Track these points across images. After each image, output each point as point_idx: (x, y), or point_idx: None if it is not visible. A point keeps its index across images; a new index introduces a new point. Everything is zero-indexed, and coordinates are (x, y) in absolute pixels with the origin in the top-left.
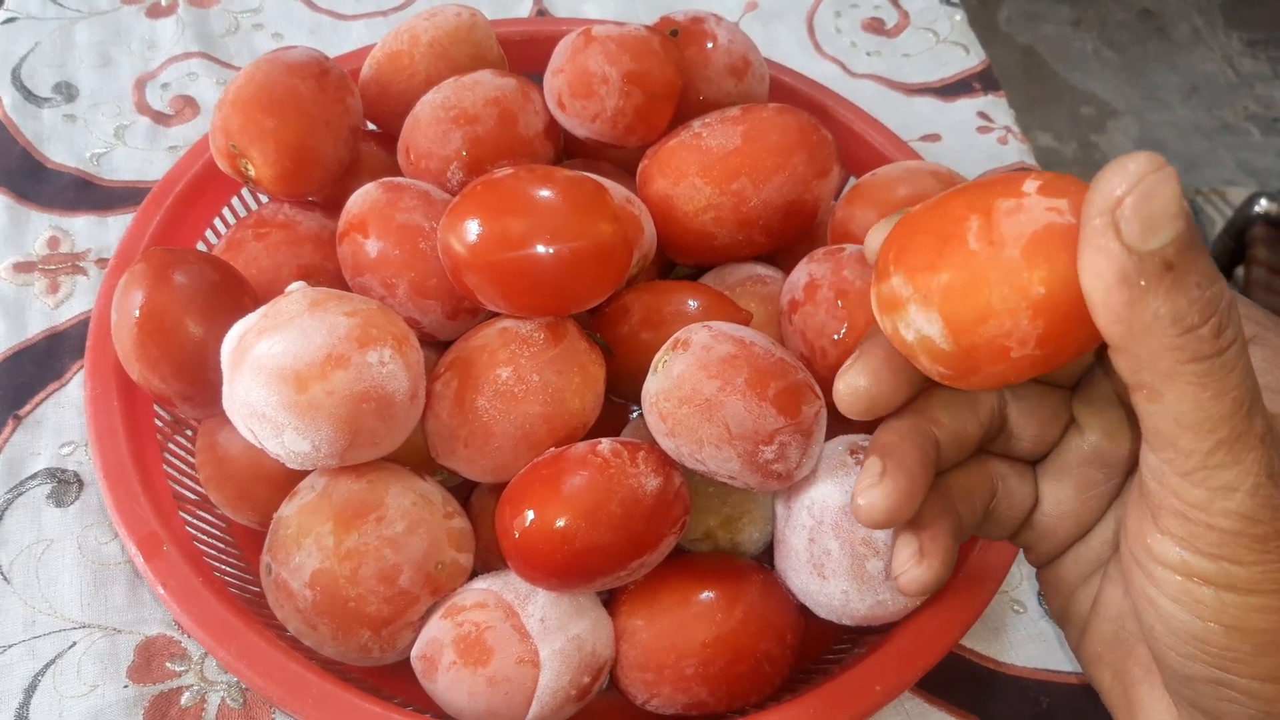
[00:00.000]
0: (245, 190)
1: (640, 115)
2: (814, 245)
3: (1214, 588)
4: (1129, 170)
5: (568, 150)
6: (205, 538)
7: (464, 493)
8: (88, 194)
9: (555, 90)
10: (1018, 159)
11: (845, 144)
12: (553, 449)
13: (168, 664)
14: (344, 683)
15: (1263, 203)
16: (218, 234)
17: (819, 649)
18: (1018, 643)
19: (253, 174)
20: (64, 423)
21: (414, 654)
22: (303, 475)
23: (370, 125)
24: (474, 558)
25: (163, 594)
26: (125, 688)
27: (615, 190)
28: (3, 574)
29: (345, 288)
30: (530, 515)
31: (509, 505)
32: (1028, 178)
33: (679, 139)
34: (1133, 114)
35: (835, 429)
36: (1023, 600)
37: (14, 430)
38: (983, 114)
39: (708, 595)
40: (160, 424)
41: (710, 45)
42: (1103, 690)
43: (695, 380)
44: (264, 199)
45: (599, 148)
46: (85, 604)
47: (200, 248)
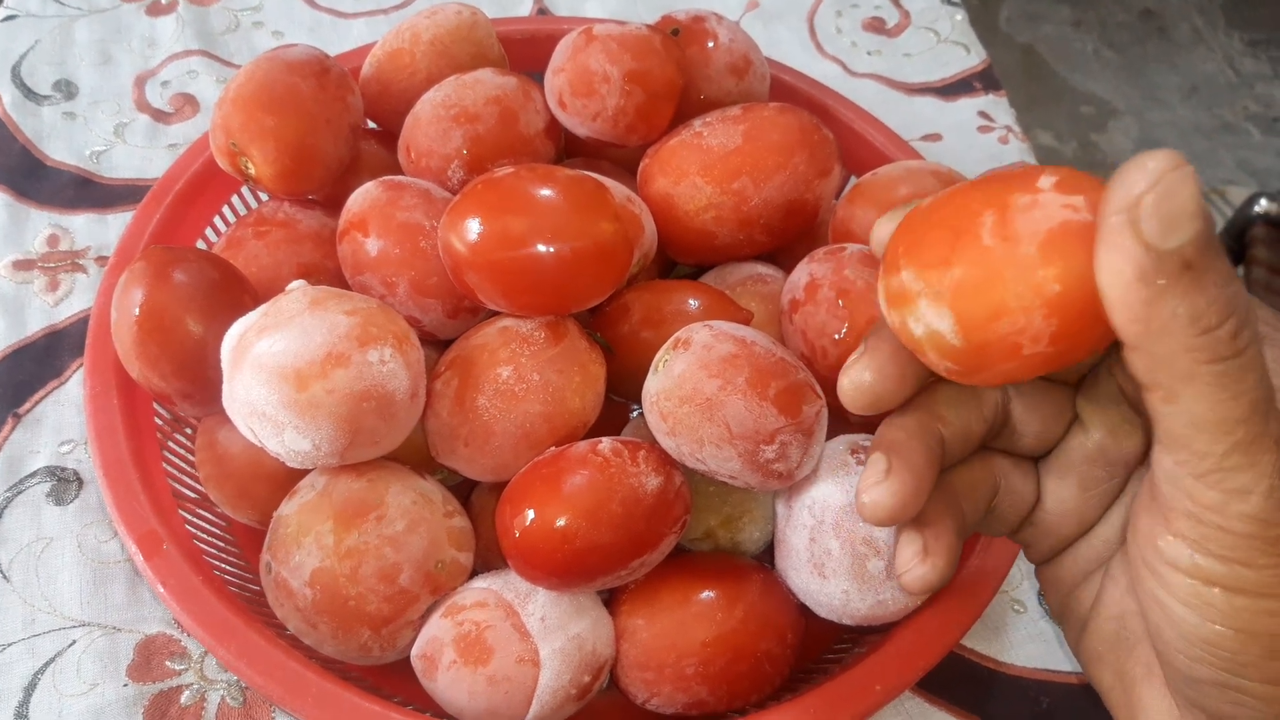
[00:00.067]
0: (245, 188)
1: (641, 114)
2: (815, 245)
3: (1225, 591)
4: (1148, 168)
5: (569, 149)
6: (205, 536)
7: (464, 492)
8: (87, 192)
9: (556, 89)
10: (1018, 158)
11: (846, 143)
12: (553, 448)
13: (167, 662)
14: (344, 681)
15: (1263, 203)
16: (218, 232)
17: (819, 648)
18: (1018, 642)
19: (253, 172)
20: (63, 421)
21: (414, 653)
22: (303, 474)
23: (371, 123)
24: (474, 557)
25: (162, 592)
26: (125, 686)
27: (616, 189)
28: (2, 572)
29: (345, 286)
30: (530, 514)
31: (509, 504)
32: (1042, 173)
33: (680, 138)
34: (1133, 114)
35: (836, 428)
36: (1023, 600)
37: (13, 428)
38: (983, 113)
39: (708, 595)
40: (160, 422)
41: (711, 44)
42: (1103, 689)
43: (696, 379)
44: (264, 197)
45: (600, 147)
46: (85, 602)
47: (200, 246)
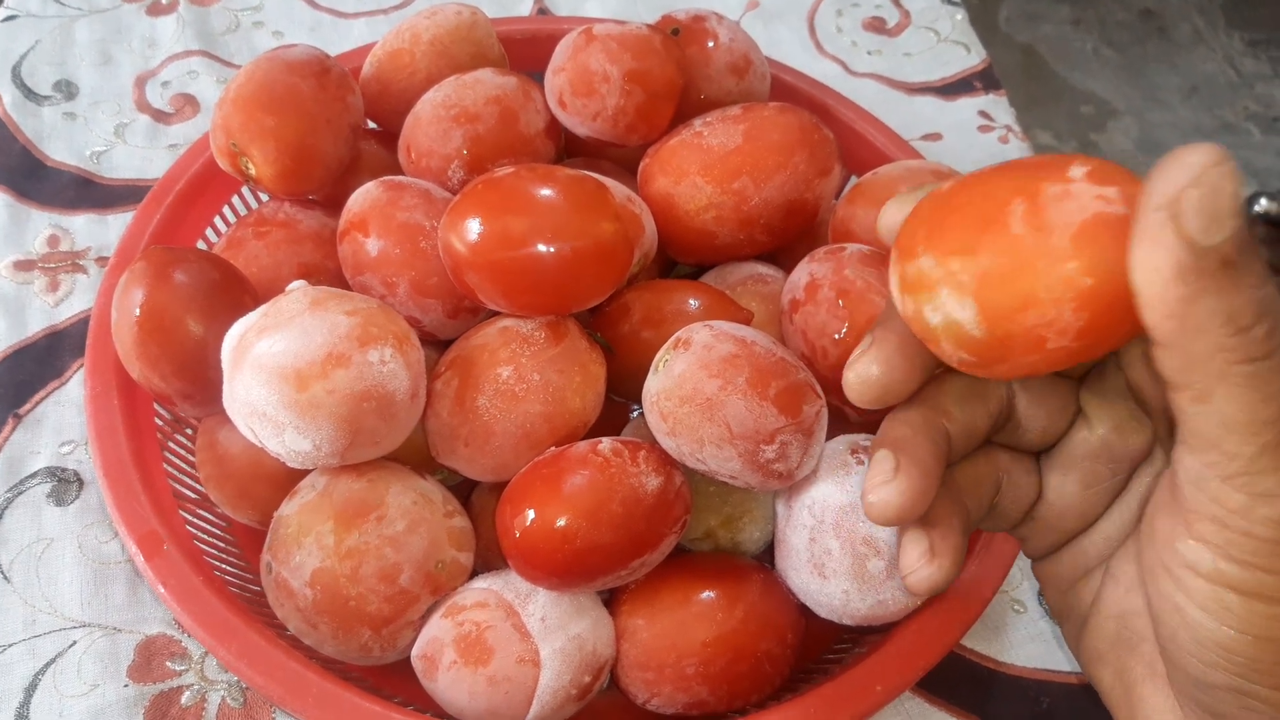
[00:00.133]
0: (245, 189)
1: (641, 114)
2: (815, 244)
3: (1245, 596)
4: (1191, 162)
5: (569, 149)
6: (205, 537)
7: (464, 492)
8: (88, 192)
9: (556, 89)
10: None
11: (846, 143)
12: (553, 448)
13: (168, 663)
14: (344, 682)
15: (1263, 202)
16: (218, 232)
17: (820, 648)
18: (1018, 642)
19: (253, 172)
20: (64, 421)
21: (414, 653)
22: (303, 474)
23: (371, 123)
24: (474, 557)
25: (163, 593)
26: (125, 687)
27: (616, 189)
28: (3, 573)
29: (346, 286)
30: (531, 514)
31: (509, 504)
32: (1073, 162)
33: (680, 138)
34: (1133, 114)
35: (836, 428)
36: (1023, 600)
37: (14, 429)
38: (984, 113)
39: (708, 595)
40: (160, 423)
41: (711, 44)
42: (1103, 688)
43: (696, 379)
44: (264, 197)
45: (600, 146)
46: (85, 603)
47: (200, 246)
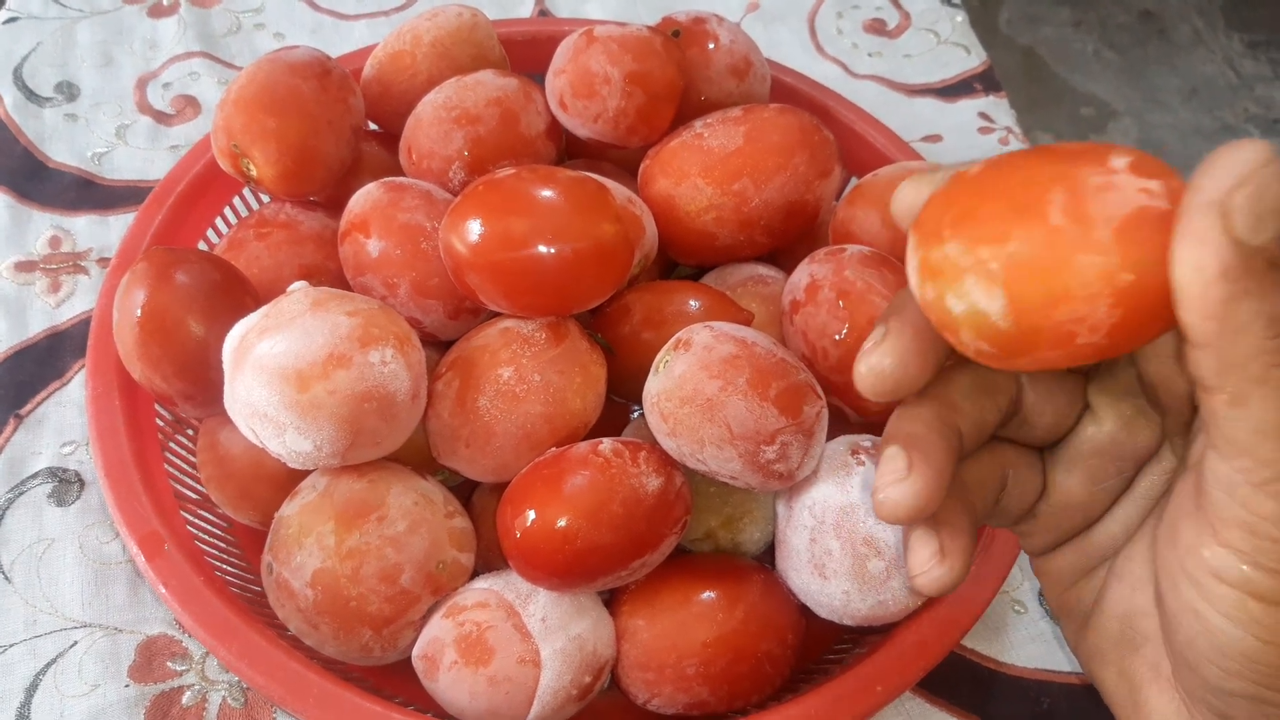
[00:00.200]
0: (247, 190)
1: (642, 115)
2: (815, 245)
3: (1273, 605)
4: (1240, 160)
5: (569, 150)
6: (206, 537)
7: (465, 492)
8: (89, 193)
9: (557, 90)
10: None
11: (847, 144)
12: (554, 449)
13: (169, 663)
14: (345, 682)
15: None
16: (219, 234)
17: (820, 649)
18: (1018, 643)
19: (254, 173)
20: (65, 422)
21: (415, 653)
22: (304, 475)
23: (372, 125)
24: (475, 557)
25: (164, 593)
26: (126, 687)
27: (617, 190)
28: (4, 573)
29: (347, 287)
30: (531, 515)
31: (510, 505)
32: (1113, 152)
33: (681, 139)
34: (1133, 115)
35: (836, 429)
36: (1023, 600)
37: (15, 429)
38: (984, 115)
39: (709, 595)
40: (161, 423)
41: (712, 46)
42: (1105, 688)
43: (697, 380)
44: (265, 199)
45: (601, 148)
46: (86, 603)
47: (202, 247)
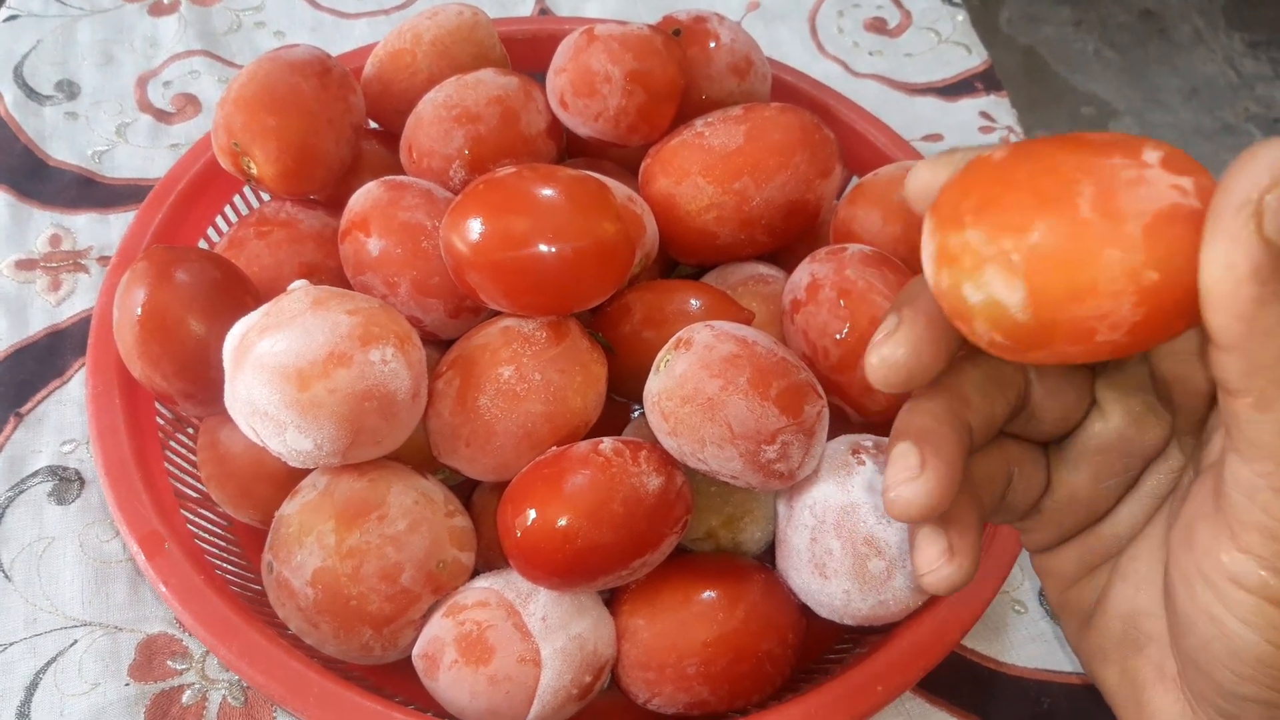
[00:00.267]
0: (247, 188)
1: (643, 114)
2: (816, 245)
3: None
4: (1272, 159)
5: (570, 149)
6: (207, 536)
7: (466, 491)
8: (90, 192)
9: (558, 89)
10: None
11: (847, 143)
12: (554, 448)
13: (169, 662)
14: (345, 681)
15: None
16: (219, 232)
17: (820, 648)
18: (1019, 643)
19: (255, 172)
20: (65, 420)
21: (415, 652)
22: (304, 473)
23: (372, 123)
24: (475, 556)
25: (164, 592)
26: (126, 686)
27: (618, 189)
28: (4, 572)
29: (347, 286)
30: (532, 514)
31: (511, 504)
32: (1146, 145)
33: (681, 138)
34: (1133, 115)
35: (837, 428)
36: (1024, 600)
37: (15, 428)
38: (985, 114)
39: (709, 595)
40: (162, 422)
41: (713, 44)
42: (1107, 688)
43: (697, 379)
44: (266, 197)
45: (601, 147)
46: (86, 602)
47: (202, 246)
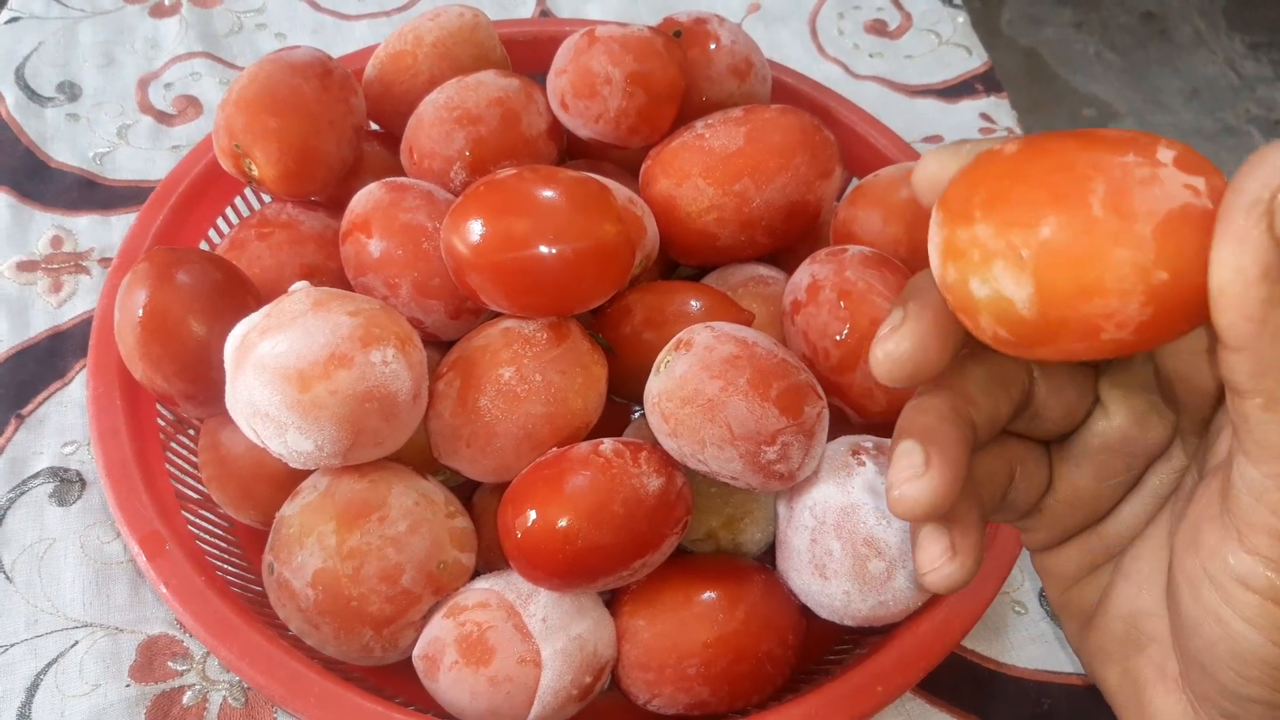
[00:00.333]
0: (248, 190)
1: (643, 116)
2: (816, 246)
3: None
4: None
5: (571, 151)
6: (207, 537)
7: (466, 492)
8: (91, 193)
9: (558, 91)
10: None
11: (848, 145)
12: (555, 449)
13: (170, 663)
14: (346, 682)
15: None
16: (220, 234)
17: (821, 649)
18: (1019, 644)
19: (256, 174)
20: (66, 422)
21: (416, 653)
22: (305, 474)
23: (373, 125)
24: (476, 557)
25: (165, 593)
26: (127, 687)
27: (618, 190)
28: (5, 573)
29: (348, 287)
30: (532, 515)
31: (511, 505)
32: (1160, 144)
33: (682, 140)
34: (1134, 116)
35: (837, 429)
36: (1024, 601)
37: (16, 429)
38: (985, 115)
39: (710, 595)
40: (163, 423)
41: (713, 46)
42: (1108, 688)
43: (698, 380)
44: (267, 199)
45: (602, 148)
46: (87, 603)
47: (203, 247)
